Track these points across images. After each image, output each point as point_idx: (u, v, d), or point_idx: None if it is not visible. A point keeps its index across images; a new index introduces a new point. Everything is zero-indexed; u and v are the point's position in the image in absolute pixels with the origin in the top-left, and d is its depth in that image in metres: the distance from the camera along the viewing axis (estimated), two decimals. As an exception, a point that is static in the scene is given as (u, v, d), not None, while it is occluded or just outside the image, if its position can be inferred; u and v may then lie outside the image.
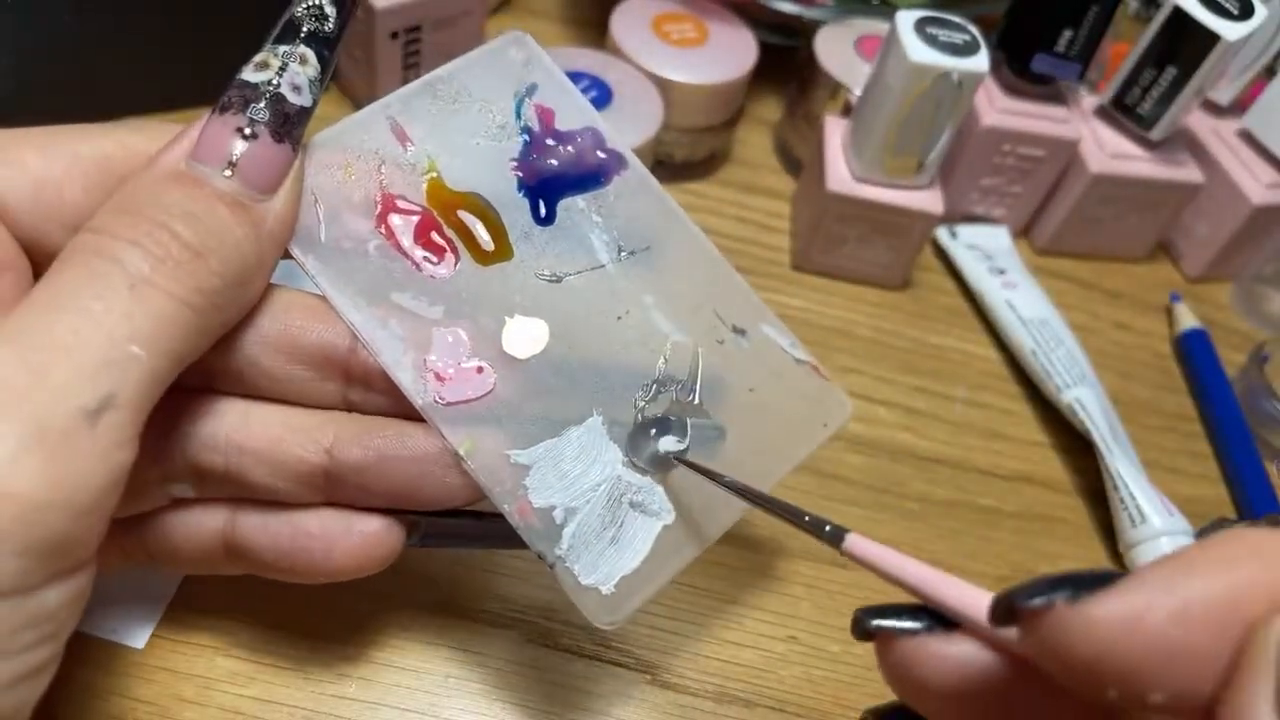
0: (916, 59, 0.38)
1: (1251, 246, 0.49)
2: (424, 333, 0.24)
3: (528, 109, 0.26)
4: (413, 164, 0.25)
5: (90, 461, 0.17)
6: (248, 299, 0.22)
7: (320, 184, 0.23)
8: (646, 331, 0.26)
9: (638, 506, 0.24)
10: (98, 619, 0.28)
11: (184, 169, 0.21)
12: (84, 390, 0.17)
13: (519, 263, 0.25)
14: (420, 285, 0.24)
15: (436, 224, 0.25)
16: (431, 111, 0.25)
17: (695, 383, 0.26)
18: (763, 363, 0.27)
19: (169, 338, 0.19)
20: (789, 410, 0.27)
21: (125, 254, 0.19)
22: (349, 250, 0.23)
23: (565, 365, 0.25)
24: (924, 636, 0.16)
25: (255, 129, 0.21)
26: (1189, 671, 0.13)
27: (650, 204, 0.27)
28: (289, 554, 0.23)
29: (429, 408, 0.23)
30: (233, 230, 0.20)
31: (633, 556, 0.24)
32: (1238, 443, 0.42)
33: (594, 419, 0.24)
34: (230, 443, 0.23)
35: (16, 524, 0.16)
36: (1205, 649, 0.13)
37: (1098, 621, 0.13)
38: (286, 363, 0.23)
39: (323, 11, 0.22)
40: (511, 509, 0.23)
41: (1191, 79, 0.43)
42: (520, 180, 0.26)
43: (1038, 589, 0.14)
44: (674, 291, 0.26)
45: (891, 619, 0.17)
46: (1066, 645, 0.14)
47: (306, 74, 0.22)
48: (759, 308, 0.28)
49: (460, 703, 0.29)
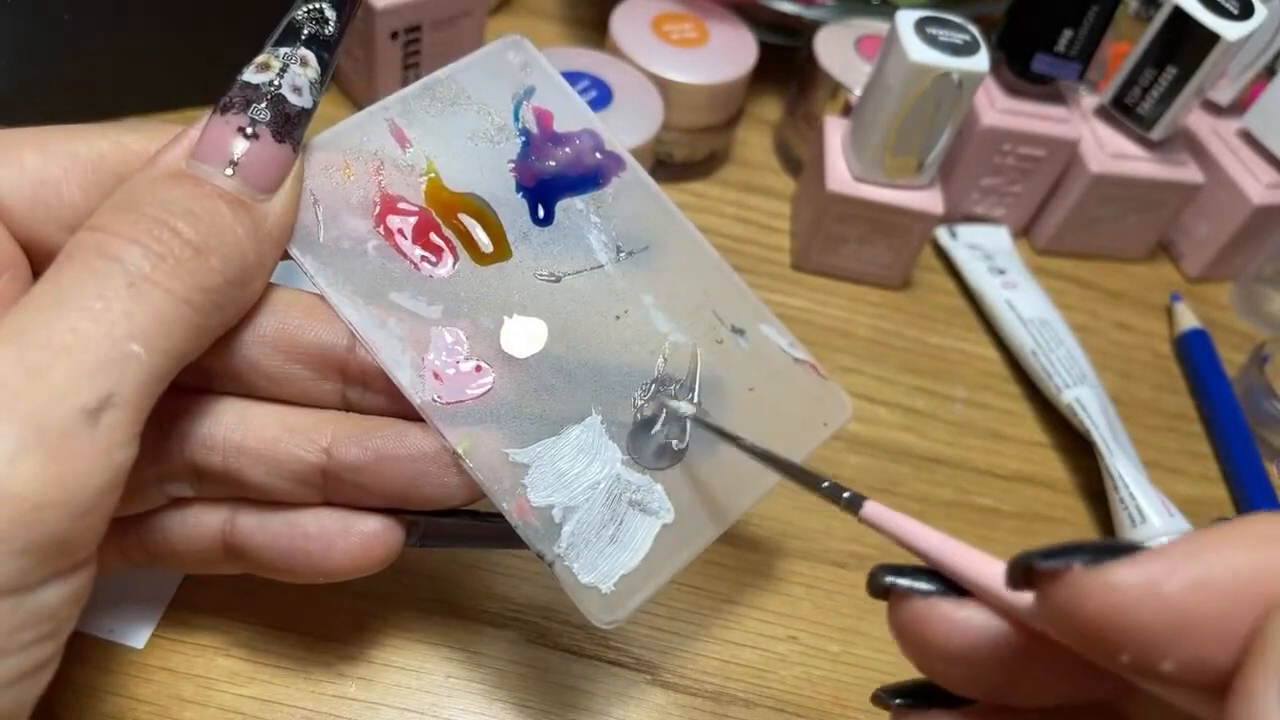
0: (916, 59, 0.38)
1: (1251, 246, 0.49)
2: (423, 332, 0.24)
3: (526, 111, 0.27)
4: (411, 165, 0.25)
5: (90, 461, 0.17)
6: (247, 298, 0.22)
7: (319, 185, 0.24)
8: (645, 331, 0.26)
9: (637, 505, 0.24)
10: (98, 619, 0.28)
11: (185, 168, 0.21)
12: (84, 389, 0.17)
13: (517, 263, 0.25)
14: (419, 285, 0.24)
15: (435, 224, 0.25)
16: (430, 113, 0.26)
17: (694, 382, 0.26)
18: (762, 362, 0.27)
19: (169, 336, 0.19)
20: (788, 410, 0.27)
21: (125, 252, 0.19)
22: (348, 250, 0.24)
23: (564, 365, 0.25)
24: (936, 599, 0.16)
25: (257, 129, 0.21)
26: (1203, 642, 0.13)
27: (648, 205, 0.27)
28: (287, 554, 0.23)
29: (427, 407, 0.23)
30: (233, 229, 0.20)
31: (632, 555, 0.24)
32: (1238, 443, 0.42)
33: (593, 418, 0.25)
34: (228, 442, 0.23)
35: (16, 524, 0.16)
36: (1222, 621, 0.13)
37: (1115, 585, 0.13)
38: (285, 362, 0.23)
39: (323, 15, 0.22)
40: (510, 507, 0.23)
41: (1191, 79, 0.43)
42: (518, 181, 0.26)
43: (1056, 552, 0.14)
44: (673, 291, 0.27)
45: (907, 578, 0.17)
46: (1082, 607, 0.14)
47: (307, 76, 0.22)
48: (758, 308, 0.28)
49: (460, 703, 0.29)
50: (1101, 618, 0.13)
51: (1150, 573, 0.13)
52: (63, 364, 0.17)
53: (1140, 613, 0.13)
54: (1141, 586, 0.13)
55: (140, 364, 0.18)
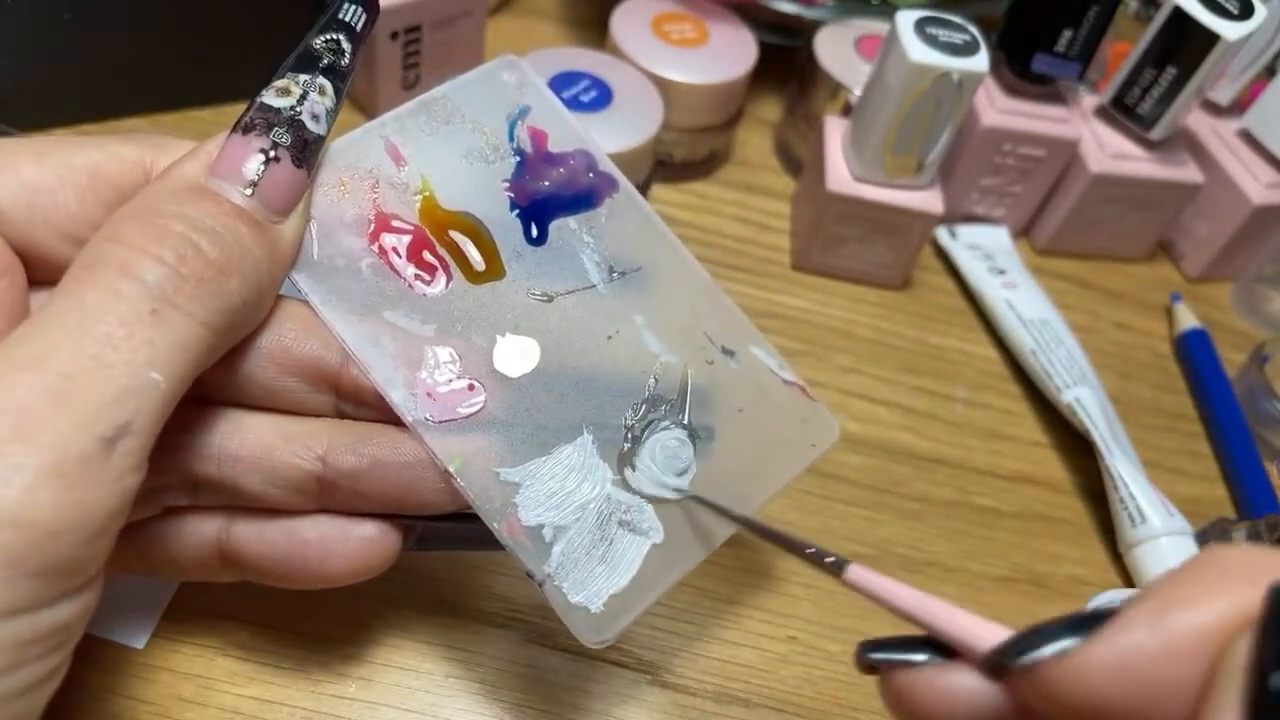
0: (916, 59, 0.38)
1: (1251, 246, 0.49)
2: (416, 350, 0.24)
3: (521, 131, 0.27)
4: (406, 183, 0.25)
5: (104, 487, 0.17)
6: (257, 320, 0.22)
7: (315, 202, 0.24)
8: (636, 351, 0.26)
9: (627, 525, 0.24)
10: (98, 619, 0.28)
11: (204, 182, 0.21)
12: (104, 419, 0.17)
13: (511, 282, 0.25)
14: (412, 303, 0.24)
15: (429, 243, 0.25)
16: (425, 132, 0.26)
17: (685, 403, 0.26)
18: (751, 383, 0.27)
19: (187, 362, 0.19)
20: (777, 430, 0.27)
21: (149, 271, 0.19)
22: (342, 268, 0.24)
23: (555, 384, 0.25)
24: (924, 669, 0.16)
25: (278, 152, 0.21)
26: (1182, 704, 0.13)
27: (640, 225, 0.27)
28: (285, 561, 0.23)
29: (419, 425, 0.23)
30: (253, 250, 0.21)
31: (622, 575, 0.24)
32: (1238, 443, 0.42)
33: (584, 438, 0.25)
34: (223, 451, 0.23)
35: (32, 550, 0.16)
36: (1194, 681, 0.13)
37: (1087, 669, 0.14)
38: (279, 374, 0.23)
39: (340, 46, 0.23)
40: (500, 526, 0.23)
41: (1191, 79, 0.43)
42: (513, 201, 0.26)
43: (1024, 645, 0.14)
44: (664, 312, 0.27)
45: (891, 652, 0.17)
46: (1059, 698, 0.14)
47: (324, 104, 0.22)
48: (748, 329, 0.28)
49: (460, 703, 0.29)
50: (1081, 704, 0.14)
51: (1121, 648, 0.13)
52: (84, 393, 0.17)
53: (1117, 691, 0.13)
54: (1114, 666, 0.13)
55: (158, 391, 0.18)
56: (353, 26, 0.24)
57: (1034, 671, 0.14)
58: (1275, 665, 0.12)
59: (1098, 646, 0.14)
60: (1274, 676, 0.12)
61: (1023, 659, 0.14)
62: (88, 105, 0.42)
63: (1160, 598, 0.14)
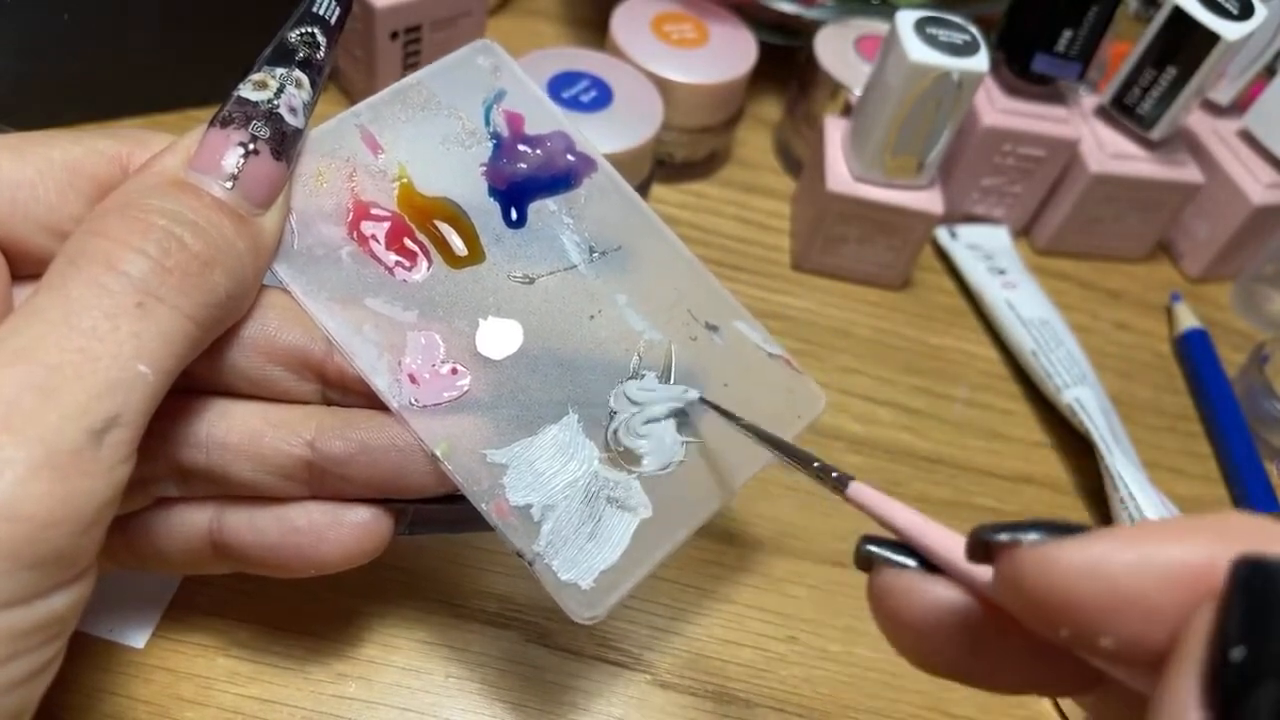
0: (916, 59, 0.38)
1: (1251, 246, 0.49)
2: (398, 336, 0.24)
3: (496, 114, 0.27)
4: (383, 170, 0.25)
5: (94, 480, 0.18)
6: (241, 312, 0.22)
7: (292, 192, 0.24)
8: (620, 330, 0.26)
9: (615, 502, 0.24)
10: (97, 619, 0.28)
11: (184, 176, 0.21)
12: (92, 411, 0.17)
13: (491, 265, 0.25)
14: (394, 290, 0.24)
15: (408, 229, 0.25)
16: (401, 119, 0.26)
17: (670, 379, 0.26)
18: (736, 358, 0.27)
19: (173, 355, 0.19)
20: (764, 403, 0.27)
21: (133, 264, 0.19)
22: (321, 257, 0.24)
23: (539, 365, 0.25)
24: (909, 572, 0.17)
25: (257, 145, 0.21)
26: (1139, 622, 0.13)
27: (621, 205, 0.27)
28: (278, 549, 0.23)
29: (405, 410, 0.23)
30: (235, 243, 0.21)
31: (611, 551, 0.24)
32: (1238, 443, 0.42)
33: (569, 417, 0.25)
34: (211, 439, 0.23)
35: (25, 542, 0.17)
36: (1158, 604, 0.13)
37: (1056, 561, 0.14)
38: (264, 363, 0.23)
39: (315, 40, 0.23)
40: (489, 508, 0.23)
41: (1191, 79, 0.43)
42: (490, 184, 0.26)
43: (1011, 527, 0.15)
44: (647, 290, 0.27)
45: (886, 550, 0.18)
46: (1025, 580, 0.14)
47: (301, 97, 0.23)
48: (731, 304, 0.28)
49: (460, 703, 0.29)
50: (1044, 591, 0.14)
51: (1094, 553, 0.14)
52: (72, 386, 0.17)
53: (1080, 589, 0.14)
54: (1084, 564, 0.14)
55: (146, 384, 0.18)
56: (326, 20, 0.24)
57: (1012, 552, 0.15)
58: (1237, 638, 0.12)
59: (1073, 543, 0.14)
60: (1235, 649, 0.12)
61: (1002, 536, 0.15)
62: (87, 105, 0.42)
63: (1150, 525, 0.14)
